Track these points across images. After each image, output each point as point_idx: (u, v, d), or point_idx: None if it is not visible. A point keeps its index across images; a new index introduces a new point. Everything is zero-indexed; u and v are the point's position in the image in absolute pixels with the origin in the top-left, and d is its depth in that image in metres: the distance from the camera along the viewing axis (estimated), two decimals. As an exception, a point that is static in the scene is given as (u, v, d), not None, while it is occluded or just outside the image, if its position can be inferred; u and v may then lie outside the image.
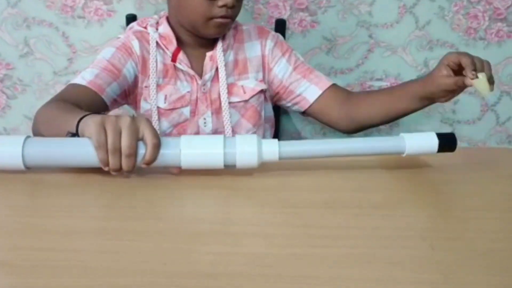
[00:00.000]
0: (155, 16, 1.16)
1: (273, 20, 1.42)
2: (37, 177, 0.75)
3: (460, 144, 1.63)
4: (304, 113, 1.18)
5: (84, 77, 1.02)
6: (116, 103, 1.10)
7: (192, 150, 0.73)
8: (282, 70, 1.15)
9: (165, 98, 1.10)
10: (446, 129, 1.64)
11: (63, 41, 1.52)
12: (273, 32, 1.19)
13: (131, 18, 1.38)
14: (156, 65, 1.09)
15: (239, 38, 1.15)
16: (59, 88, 1.56)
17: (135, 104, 1.16)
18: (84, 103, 0.95)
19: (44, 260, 0.56)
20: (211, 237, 0.61)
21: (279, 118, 1.45)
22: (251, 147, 0.74)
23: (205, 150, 0.74)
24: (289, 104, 1.19)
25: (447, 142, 0.79)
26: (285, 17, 1.48)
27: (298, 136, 1.64)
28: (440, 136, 0.78)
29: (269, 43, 1.16)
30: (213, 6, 1.00)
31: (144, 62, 1.10)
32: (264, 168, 0.77)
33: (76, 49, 1.53)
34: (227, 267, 0.55)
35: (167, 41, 1.10)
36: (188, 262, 0.56)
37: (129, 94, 1.12)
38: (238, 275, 0.54)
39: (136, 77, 1.10)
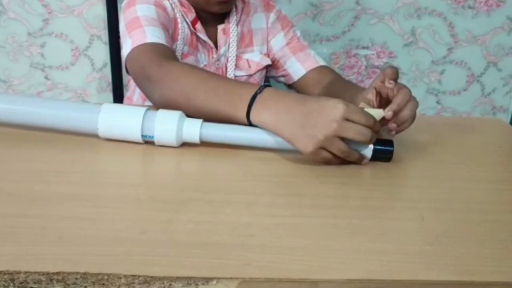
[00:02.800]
0: None
1: (258, -16, 1.38)
2: (8, 139, 0.72)
3: (444, 114, 1.65)
4: (289, 86, 1.16)
5: (157, 36, 0.91)
6: None
7: (110, 118, 0.70)
8: (277, 43, 1.13)
9: None
10: (432, 99, 1.63)
11: (38, 0, 1.46)
12: (277, 7, 1.17)
13: (110, -22, 1.34)
14: (184, 31, 1.03)
15: (246, 11, 1.12)
16: (34, 50, 1.52)
17: None
18: None
19: (15, 227, 0.53)
20: (191, 205, 0.58)
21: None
22: (170, 125, 0.70)
23: (123, 121, 0.70)
24: (277, 75, 1.17)
25: (382, 150, 0.71)
26: (270, -20, 1.43)
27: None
28: (377, 142, 0.70)
29: (272, 16, 1.14)
30: None
31: (176, 24, 1.02)
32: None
33: (52, 10, 1.48)
34: (208, 237, 0.52)
35: (186, 8, 1.03)
36: (168, 231, 0.53)
37: None
38: (219, 244, 0.51)
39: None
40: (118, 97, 1.47)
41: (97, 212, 0.56)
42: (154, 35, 0.90)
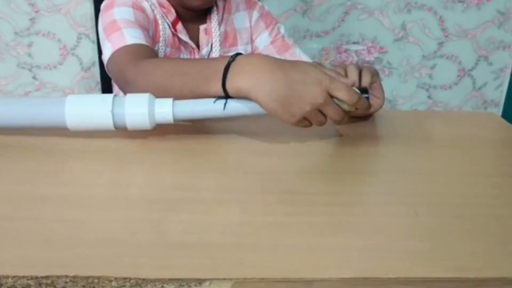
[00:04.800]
0: None
1: (247, -21, 1.37)
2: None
3: (435, 109, 1.65)
4: None
5: (136, 36, 0.90)
6: None
7: (77, 109, 0.69)
8: (262, 42, 1.11)
9: None
10: (423, 94, 1.63)
11: (25, -1, 1.45)
12: (259, 3, 1.15)
13: (97, -25, 1.32)
14: (165, 32, 1.02)
15: (228, 8, 1.10)
16: (21, 49, 1.51)
17: None
18: None
19: (2, 229, 0.52)
20: (182, 204, 0.57)
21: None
22: (141, 108, 0.68)
23: (91, 110, 0.69)
24: None
25: None
26: (259, -24, 1.43)
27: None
28: None
29: (255, 14, 1.12)
30: None
31: (156, 26, 1.01)
32: (235, 130, 0.74)
33: (39, 8, 1.47)
34: (200, 237, 0.51)
35: (165, 9, 1.02)
36: (159, 231, 0.52)
37: None
38: (212, 244, 0.50)
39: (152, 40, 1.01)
40: (108, 96, 1.45)
41: (85, 213, 0.55)
42: (133, 36, 0.90)
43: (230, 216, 0.55)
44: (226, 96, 0.69)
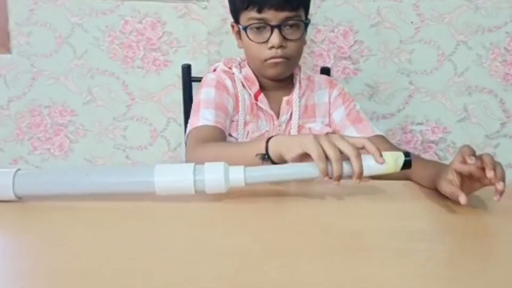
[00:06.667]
0: (238, 58, 1.27)
1: (318, 68, 1.52)
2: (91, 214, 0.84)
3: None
4: None
5: (207, 118, 1.12)
6: None
7: (164, 177, 0.81)
8: (338, 115, 1.26)
9: (247, 134, 1.21)
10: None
11: (123, 89, 1.64)
12: (340, 84, 1.31)
13: (186, 68, 1.48)
14: (244, 102, 1.20)
15: (311, 87, 1.27)
16: (117, 132, 1.68)
17: None
18: (219, 141, 1.08)
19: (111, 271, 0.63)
20: (270, 258, 0.67)
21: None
22: (218, 174, 0.80)
23: (176, 178, 0.81)
24: None
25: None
26: (329, 65, 1.57)
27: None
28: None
29: (335, 92, 1.28)
30: (264, 49, 1.14)
31: (237, 99, 1.20)
32: (308, 193, 0.84)
33: (134, 96, 1.64)
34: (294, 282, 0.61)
35: (250, 82, 1.22)
36: (258, 273, 0.62)
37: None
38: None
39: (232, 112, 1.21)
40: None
41: (197, 260, 0.66)
42: (205, 118, 1.11)
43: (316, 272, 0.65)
44: (266, 152, 0.89)
